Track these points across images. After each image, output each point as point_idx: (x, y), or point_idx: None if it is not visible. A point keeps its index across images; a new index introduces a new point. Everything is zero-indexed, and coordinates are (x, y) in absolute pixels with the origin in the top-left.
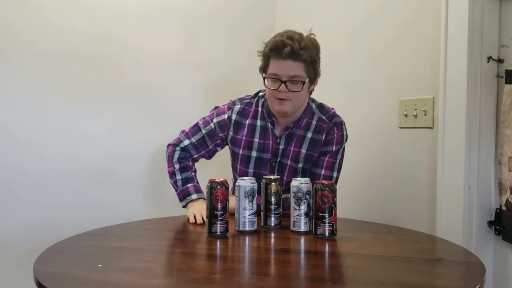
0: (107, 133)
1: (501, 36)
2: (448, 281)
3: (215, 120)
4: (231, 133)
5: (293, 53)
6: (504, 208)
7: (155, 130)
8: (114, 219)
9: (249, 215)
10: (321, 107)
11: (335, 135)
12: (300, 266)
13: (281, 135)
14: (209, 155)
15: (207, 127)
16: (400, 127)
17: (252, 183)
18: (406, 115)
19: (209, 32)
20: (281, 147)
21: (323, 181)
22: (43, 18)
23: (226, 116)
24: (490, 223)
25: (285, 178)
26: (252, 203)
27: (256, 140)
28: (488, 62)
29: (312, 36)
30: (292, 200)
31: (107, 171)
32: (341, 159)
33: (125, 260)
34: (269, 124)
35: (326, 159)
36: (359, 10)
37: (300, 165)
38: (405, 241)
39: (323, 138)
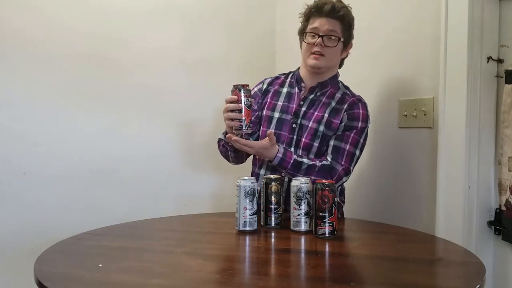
0: (107, 132)
1: (501, 36)
2: (448, 281)
3: (256, 89)
4: (260, 100)
5: (333, 10)
6: (504, 208)
7: (154, 129)
8: (114, 219)
9: (249, 214)
10: (347, 87)
11: (361, 111)
12: (300, 266)
13: (305, 98)
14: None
15: (253, 93)
16: (400, 127)
17: (253, 182)
18: (406, 115)
19: (209, 31)
20: (303, 109)
21: (324, 180)
22: (42, 18)
23: (261, 85)
24: (490, 223)
25: (303, 140)
26: (253, 203)
27: (280, 103)
28: (488, 62)
29: (350, 7)
30: (293, 200)
31: (107, 171)
32: (365, 140)
33: (125, 260)
34: (296, 89)
35: (352, 135)
36: (358, 10)
37: (322, 128)
38: (405, 241)
39: (344, 107)
